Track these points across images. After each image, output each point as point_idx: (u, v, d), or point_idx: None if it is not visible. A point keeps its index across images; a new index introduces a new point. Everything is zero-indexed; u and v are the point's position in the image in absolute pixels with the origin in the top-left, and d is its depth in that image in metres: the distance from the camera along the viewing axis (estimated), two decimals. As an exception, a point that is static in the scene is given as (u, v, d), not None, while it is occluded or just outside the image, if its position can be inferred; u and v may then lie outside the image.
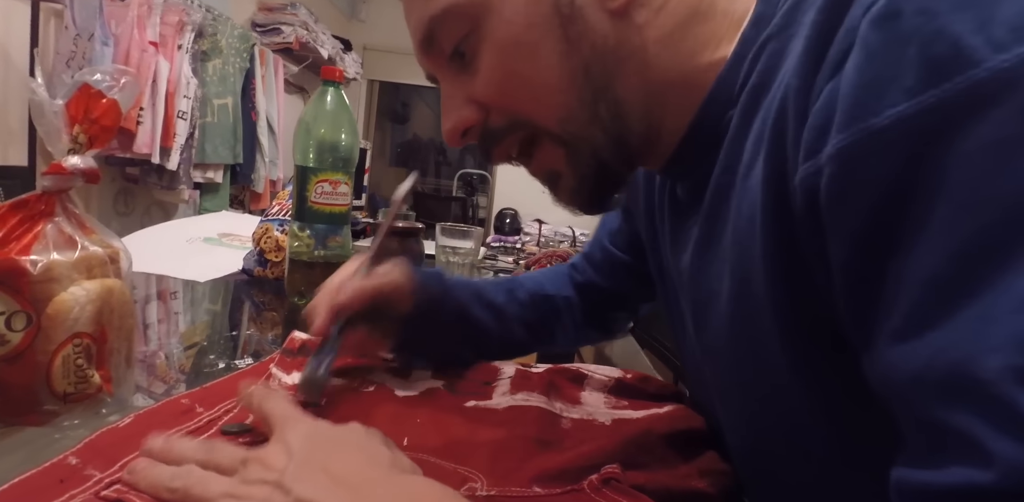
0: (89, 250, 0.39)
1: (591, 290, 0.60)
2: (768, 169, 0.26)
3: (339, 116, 0.73)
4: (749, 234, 0.28)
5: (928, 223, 0.19)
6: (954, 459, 0.18)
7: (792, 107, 0.24)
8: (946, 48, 0.19)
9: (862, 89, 0.21)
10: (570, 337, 0.59)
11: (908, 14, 0.20)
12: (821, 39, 0.23)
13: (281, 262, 0.84)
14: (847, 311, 0.23)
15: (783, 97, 0.25)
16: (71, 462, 0.30)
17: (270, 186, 2.68)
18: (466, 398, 0.44)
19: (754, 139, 0.29)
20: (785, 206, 0.25)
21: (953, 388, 0.18)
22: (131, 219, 2.07)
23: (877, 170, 0.20)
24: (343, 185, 0.73)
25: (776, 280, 0.27)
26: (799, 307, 0.26)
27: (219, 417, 0.37)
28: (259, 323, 0.70)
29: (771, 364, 0.29)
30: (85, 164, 0.38)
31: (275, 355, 0.47)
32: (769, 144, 0.26)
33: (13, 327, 0.35)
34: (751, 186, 0.28)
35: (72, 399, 0.37)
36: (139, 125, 1.73)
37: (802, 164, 0.23)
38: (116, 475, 0.30)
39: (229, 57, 2.25)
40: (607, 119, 0.34)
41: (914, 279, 0.20)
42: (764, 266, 0.27)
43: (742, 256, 0.29)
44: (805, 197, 0.23)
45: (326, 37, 3.00)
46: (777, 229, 0.26)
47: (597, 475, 0.33)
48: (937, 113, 0.19)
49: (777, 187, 0.26)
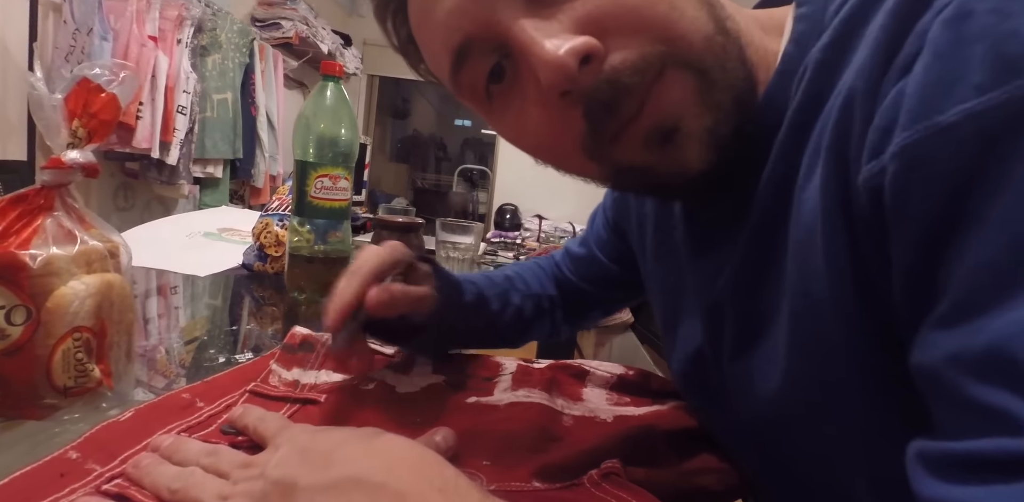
0: (89, 244, 0.39)
1: (572, 290, 0.61)
2: (828, 176, 0.26)
3: (339, 111, 0.72)
4: (810, 246, 0.27)
5: (988, 216, 0.19)
6: (984, 431, 0.18)
7: (857, 110, 0.24)
8: (1019, 46, 0.19)
9: (929, 88, 0.21)
10: (545, 332, 0.61)
11: (980, 14, 0.20)
12: (891, 43, 0.23)
13: (281, 257, 0.84)
14: (904, 308, 0.23)
15: (846, 102, 0.25)
16: (71, 456, 0.30)
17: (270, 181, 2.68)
18: (467, 394, 0.44)
19: (811, 152, 0.28)
20: (847, 211, 0.25)
21: (989, 366, 0.18)
22: (131, 214, 2.07)
23: (941, 165, 0.20)
24: (343, 180, 0.73)
25: (840, 288, 0.26)
26: (864, 315, 0.25)
27: (220, 412, 0.37)
28: (259, 318, 0.70)
29: (837, 380, 0.27)
30: (84, 158, 0.38)
31: (275, 351, 0.47)
32: (829, 152, 0.26)
33: (13, 321, 0.35)
34: (808, 199, 0.27)
35: (72, 393, 0.37)
36: (138, 120, 1.73)
37: (866, 164, 0.23)
38: (117, 469, 0.30)
39: (229, 52, 2.24)
40: (736, 52, 0.29)
41: (966, 268, 0.20)
42: (827, 276, 0.26)
43: (803, 270, 0.28)
44: (869, 197, 0.23)
45: (326, 32, 2.99)
46: (839, 236, 0.25)
47: (597, 470, 0.33)
48: (1006, 109, 0.19)
49: (838, 193, 0.25)
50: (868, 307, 0.25)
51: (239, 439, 0.34)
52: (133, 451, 0.31)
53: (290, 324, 0.52)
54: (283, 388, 0.42)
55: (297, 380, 0.43)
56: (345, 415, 0.39)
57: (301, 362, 0.46)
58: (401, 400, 0.42)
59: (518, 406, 0.42)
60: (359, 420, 0.38)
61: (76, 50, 1.58)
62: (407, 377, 0.46)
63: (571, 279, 0.61)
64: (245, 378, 0.42)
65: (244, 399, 0.40)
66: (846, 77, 0.26)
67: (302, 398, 0.41)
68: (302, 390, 0.42)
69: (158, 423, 0.34)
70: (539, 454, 0.35)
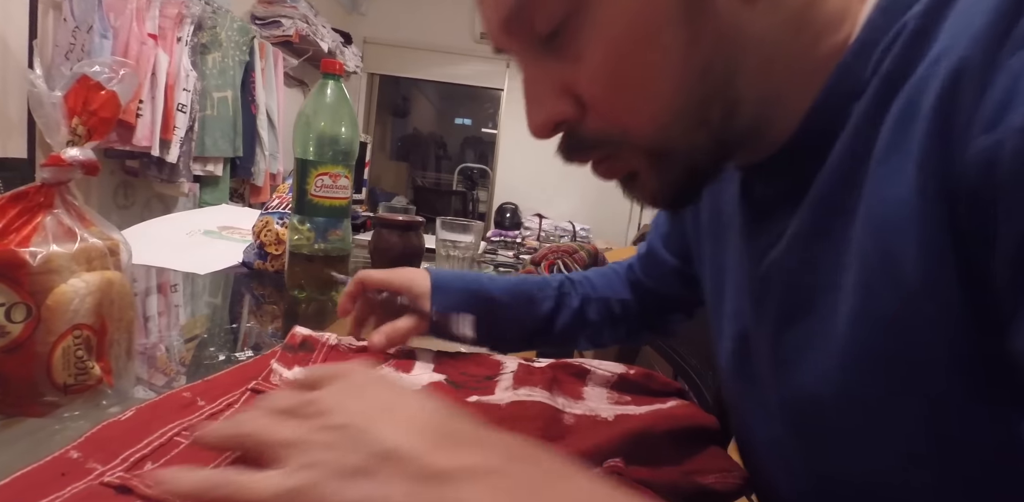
0: (89, 242, 0.39)
1: (647, 292, 0.61)
2: (926, 148, 0.25)
3: (339, 109, 0.72)
4: (895, 219, 0.27)
5: None
6: None
7: (969, 81, 0.23)
8: None
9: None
10: (620, 336, 0.62)
11: None
12: (1011, 14, 0.23)
13: (281, 255, 0.84)
14: (1007, 288, 0.23)
15: (955, 73, 0.24)
16: (72, 456, 0.30)
17: (270, 179, 2.67)
18: (469, 393, 0.44)
19: (895, 123, 0.27)
20: (947, 184, 0.24)
21: None
22: (131, 212, 2.07)
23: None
24: (343, 178, 0.73)
25: (932, 262, 0.25)
26: (958, 292, 0.25)
27: (220, 411, 0.37)
28: (259, 316, 0.70)
29: (916, 357, 0.27)
30: (84, 156, 0.38)
31: (275, 350, 0.47)
32: (931, 122, 0.25)
33: (13, 318, 0.35)
34: (893, 171, 0.27)
35: (72, 390, 0.37)
36: (139, 118, 1.73)
37: (976, 138, 0.23)
38: (118, 468, 0.30)
39: (228, 50, 2.24)
40: (716, 122, 0.31)
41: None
42: (918, 249, 0.26)
43: (881, 243, 0.27)
44: (979, 171, 0.23)
45: (326, 30, 2.99)
46: (935, 209, 0.25)
47: (600, 469, 0.32)
48: None
49: (939, 165, 0.25)
50: (963, 284, 0.24)
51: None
52: (134, 450, 0.31)
53: (290, 322, 0.52)
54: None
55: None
56: None
57: (302, 361, 0.46)
58: None
59: (519, 405, 0.42)
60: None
61: (76, 48, 1.58)
62: (408, 376, 0.46)
63: (643, 280, 0.61)
64: (246, 377, 0.42)
65: (245, 398, 0.39)
66: (944, 46, 0.25)
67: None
68: None
69: (159, 422, 0.34)
70: None
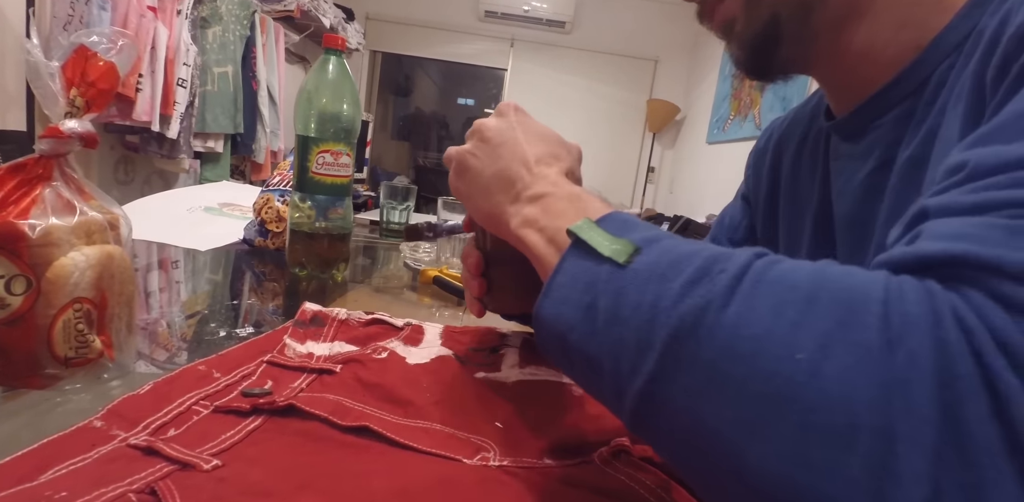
0: (88, 215, 0.39)
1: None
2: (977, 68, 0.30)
3: (341, 85, 0.71)
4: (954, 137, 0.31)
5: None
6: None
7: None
8: None
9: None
10: None
11: None
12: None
13: (282, 233, 0.84)
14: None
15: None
16: (96, 425, 0.31)
17: (271, 156, 2.66)
18: (475, 369, 0.44)
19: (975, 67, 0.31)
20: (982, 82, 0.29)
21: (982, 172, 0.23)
22: (131, 188, 2.07)
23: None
24: (344, 156, 0.72)
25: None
26: None
27: (237, 382, 0.38)
28: (260, 293, 0.70)
29: None
30: (83, 128, 0.38)
31: (287, 326, 0.48)
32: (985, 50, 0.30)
33: (13, 291, 0.35)
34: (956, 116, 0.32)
35: (73, 363, 0.37)
36: (138, 92, 1.71)
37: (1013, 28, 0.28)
38: (141, 434, 0.31)
39: (229, 24, 2.20)
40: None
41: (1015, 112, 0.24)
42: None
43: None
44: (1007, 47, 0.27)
45: (328, 6, 2.94)
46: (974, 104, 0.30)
47: (607, 447, 0.33)
48: None
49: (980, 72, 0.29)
50: None
51: (261, 401, 0.35)
52: (155, 417, 0.32)
53: (291, 300, 0.52)
54: (299, 359, 0.43)
55: (312, 352, 0.44)
56: (361, 382, 0.40)
57: (314, 336, 0.47)
58: (412, 371, 0.43)
59: (525, 384, 0.42)
60: (375, 386, 0.39)
61: (74, 19, 1.55)
62: (417, 349, 0.47)
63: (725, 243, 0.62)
64: (259, 350, 0.43)
65: (262, 369, 0.40)
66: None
67: (318, 368, 0.41)
68: (318, 361, 0.43)
69: (177, 393, 0.35)
70: (548, 430, 0.36)
